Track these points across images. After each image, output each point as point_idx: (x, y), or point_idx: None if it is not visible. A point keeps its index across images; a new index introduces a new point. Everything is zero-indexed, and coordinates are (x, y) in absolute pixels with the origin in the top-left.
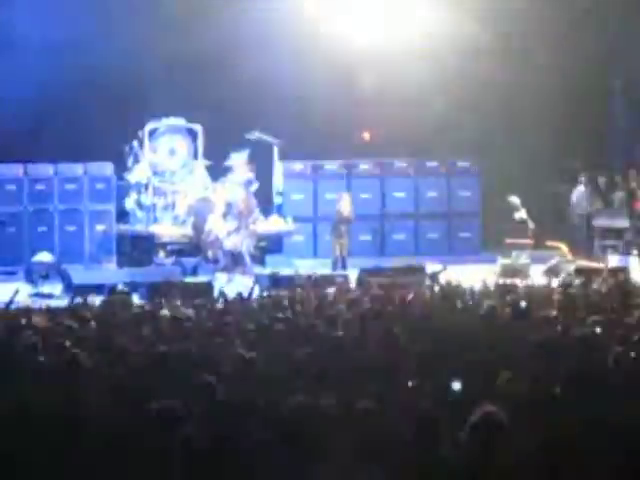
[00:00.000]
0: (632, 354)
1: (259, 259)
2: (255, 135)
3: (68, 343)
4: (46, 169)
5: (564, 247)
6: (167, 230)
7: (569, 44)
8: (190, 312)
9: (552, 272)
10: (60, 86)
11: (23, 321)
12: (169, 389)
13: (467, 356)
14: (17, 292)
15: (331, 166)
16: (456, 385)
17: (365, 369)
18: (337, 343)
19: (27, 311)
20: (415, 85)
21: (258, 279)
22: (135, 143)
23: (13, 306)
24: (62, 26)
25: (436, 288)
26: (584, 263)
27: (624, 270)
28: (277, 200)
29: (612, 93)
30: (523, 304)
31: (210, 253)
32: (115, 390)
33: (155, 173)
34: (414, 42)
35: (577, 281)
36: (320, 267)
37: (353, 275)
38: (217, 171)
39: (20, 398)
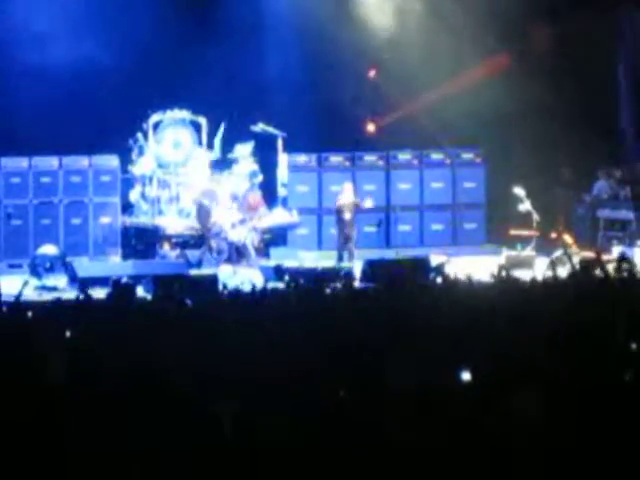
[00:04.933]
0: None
1: (263, 251)
2: (259, 127)
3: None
4: (51, 162)
5: (569, 239)
6: (172, 222)
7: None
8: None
9: (557, 264)
10: (65, 78)
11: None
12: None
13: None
14: (26, 284)
15: (336, 158)
16: (465, 375)
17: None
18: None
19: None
20: (418, 75)
21: (262, 271)
22: (140, 135)
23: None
24: (66, 17)
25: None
26: (589, 254)
27: (629, 262)
28: (281, 192)
29: (620, 82)
30: None
31: (214, 244)
32: None
33: (160, 165)
34: (417, 31)
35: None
36: (324, 259)
37: (358, 267)
38: (222, 163)
39: None
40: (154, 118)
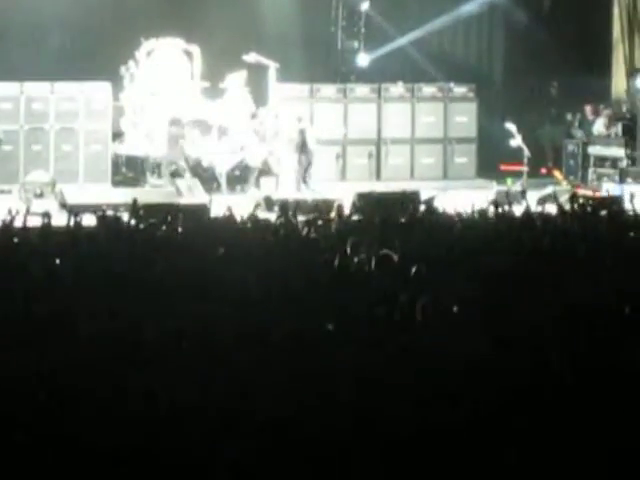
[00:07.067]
0: None
1: (255, 182)
2: (252, 57)
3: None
4: (43, 88)
5: (559, 175)
6: (162, 151)
7: None
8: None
9: (547, 200)
10: (58, 4)
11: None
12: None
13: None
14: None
15: (328, 90)
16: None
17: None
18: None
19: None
20: (413, 7)
21: (253, 202)
22: (132, 63)
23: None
24: None
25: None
26: (579, 191)
27: (618, 199)
28: (273, 123)
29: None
30: None
31: (202, 173)
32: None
33: (151, 94)
34: None
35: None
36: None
37: (348, 199)
38: (214, 92)
39: None
40: (146, 46)
